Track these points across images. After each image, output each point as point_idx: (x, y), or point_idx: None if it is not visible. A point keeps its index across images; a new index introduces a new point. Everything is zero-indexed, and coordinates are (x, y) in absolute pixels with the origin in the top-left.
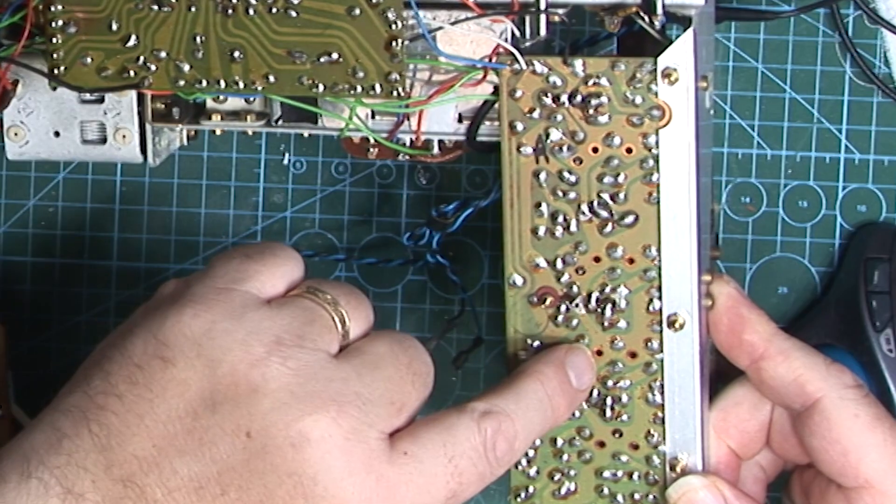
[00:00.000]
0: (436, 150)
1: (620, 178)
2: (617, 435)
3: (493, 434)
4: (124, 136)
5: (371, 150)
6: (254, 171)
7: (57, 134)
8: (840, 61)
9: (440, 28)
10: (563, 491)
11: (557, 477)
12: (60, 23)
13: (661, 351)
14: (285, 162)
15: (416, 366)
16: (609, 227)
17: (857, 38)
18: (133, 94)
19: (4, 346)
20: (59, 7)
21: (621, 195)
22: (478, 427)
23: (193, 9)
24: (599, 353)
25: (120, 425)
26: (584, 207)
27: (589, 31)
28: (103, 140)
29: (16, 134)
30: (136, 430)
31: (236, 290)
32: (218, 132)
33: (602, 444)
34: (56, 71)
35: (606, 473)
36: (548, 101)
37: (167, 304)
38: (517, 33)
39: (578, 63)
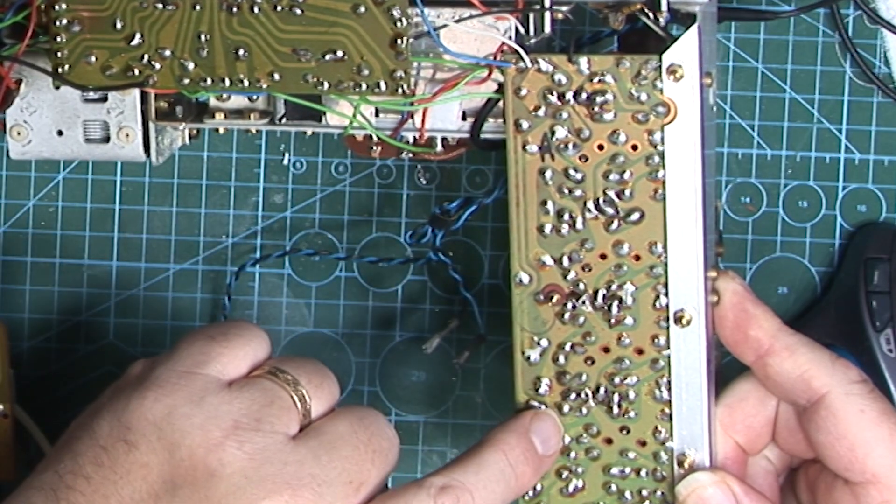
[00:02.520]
0: (439, 147)
1: (626, 175)
2: (624, 432)
3: None
4: (127, 135)
5: (374, 147)
6: (254, 171)
7: (60, 133)
8: (840, 61)
9: (445, 26)
10: (570, 488)
11: (565, 474)
12: (65, 21)
13: (668, 347)
14: (285, 162)
15: (376, 442)
16: (615, 225)
17: (857, 38)
18: (136, 92)
19: (6, 346)
20: (64, 6)
21: (627, 192)
22: (434, 503)
23: (198, 7)
24: (606, 350)
25: None
26: (590, 205)
27: (588, 30)
28: (106, 139)
29: (18, 133)
30: None
31: (198, 373)
32: (221, 131)
33: (609, 441)
34: (60, 70)
35: (614, 470)
36: (553, 98)
37: (132, 387)
38: (521, 30)
39: (583, 60)
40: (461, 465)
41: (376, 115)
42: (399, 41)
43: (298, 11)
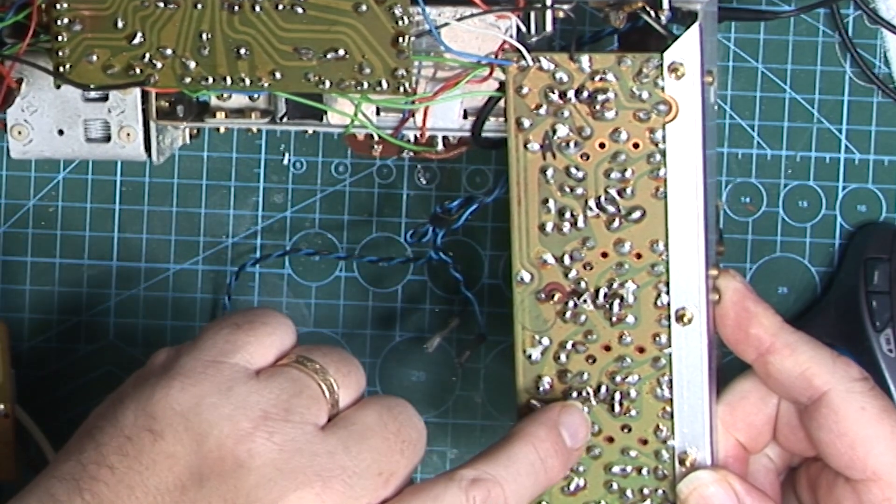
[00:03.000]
0: (440, 146)
1: (627, 174)
2: (625, 430)
3: (481, 502)
4: (128, 135)
5: (375, 146)
6: (254, 171)
7: (61, 132)
8: (840, 61)
9: (446, 24)
10: (572, 487)
11: (566, 473)
12: (66, 21)
13: (670, 345)
14: (285, 162)
15: (405, 433)
16: (616, 223)
17: (857, 38)
18: (137, 92)
19: (7, 345)
20: (65, 5)
21: (628, 190)
22: (466, 496)
23: (199, 6)
24: (607, 348)
25: (111, 495)
26: (592, 203)
27: (588, 29)
28: (107, 138)
29: (19, 133)
30: (127, 502)
31: (225, 362)
32: (222, 130)
33: (611, 440)
34: (61, 69)
35: (615, 469)
36: (554, 97)
37: (157, 376)
38: (523, 29)
39: (585, 59)
40: (491, 458)
41: (377, 113)
42: (401, 40)
43: (300, 10)
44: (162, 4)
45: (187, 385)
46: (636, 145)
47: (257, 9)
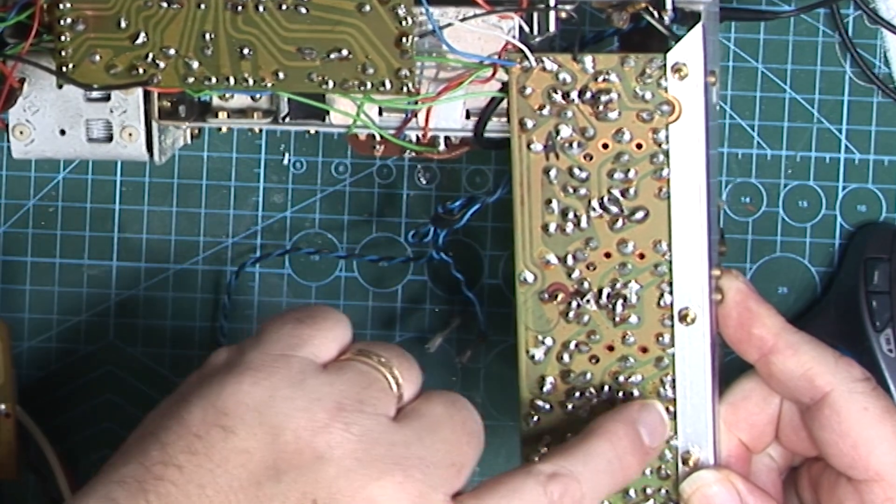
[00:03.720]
0: (442, 146)
1: (631, 174)
2: None
3: (559, 497)
4: (130, 135)
5: (377, 146)
6: (254, 171)
7: (63, 132)
8: (840, 61)
9: (449, 24)
10: None
11: None
12: (69, 20)
13: (673, 345)
14: (285, 162)
15: (469, 425)
16: (619, 223)
17: (857, 38)
18: (139, 91)
19: (8, 345)
20: (68, 5)
21: (631, 191)
22: (544, 490)
23: (203, 6)
24: (611, 348)
25: (180, 496)
26: (595, 203)
27: (589, 30)
28: (109, 138)
29: (21, 132)
30: (198, 501)
31: (293, 356)
32: (223, 130)
33: None
34: (64, 69)
35: None
36: (557, 97)
37: (223, 372)
38: (526, 29)
39: (588, 59)
40: (569, 453)
41: (380, 114)
42: (404, 40)
43: (303, 10)
44: (165, 4)
45: (259, 379)
46: (639, 146)
47: (261, 9)
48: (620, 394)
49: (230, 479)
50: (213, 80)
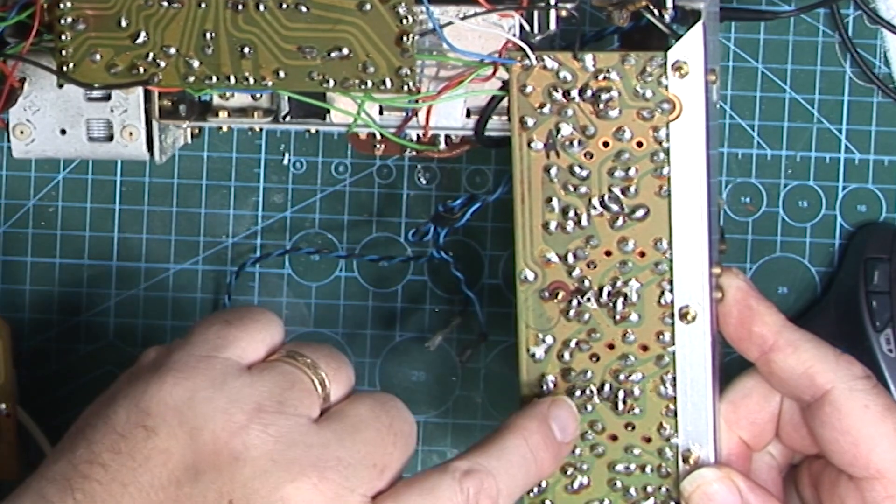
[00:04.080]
0: (442, 145)
1: (631, 172)
2: (629, 428)
3: (475, 493)
4: (131, 134)
5: (378, 145)
6: (254, 171)
7: (63, 132)
8: (840, 61)
9: (450, 23)
10: (575, 485)
11: (570, 471)
12: (69, 20)
13: (673, 343)
14: (285, 162)
15: (397, 425)
16: (620, 221)
17: (857, 38)
18: (140, 91)
19: (9, 345)
20: (68, 4)
21: (632, 189)
22: (460, 487)
23: (203, 5)
24: (611, 346)
25: (104, 494)
26: (595, 202)
27: (589, 29)
28: (109, 138)
29: (21, 132)
30: (121, 499)
31: (217, 357)
32: (224, 129)
33: (614, 438)
34: (65, 68)
35: (619, 467)
36: (558, 96)
37: (149, 372)
38: (526, 28)
39: (588, 58)
40: (483, 450)
41: (380, 112)
42: (405, 38)
43: (304, 9)
44: (166, 3)
45: (180, 379)
46: (640, 144)
47: (261, 8)
48: (621, 392)
49: (151, 479)
50: (214, 79)
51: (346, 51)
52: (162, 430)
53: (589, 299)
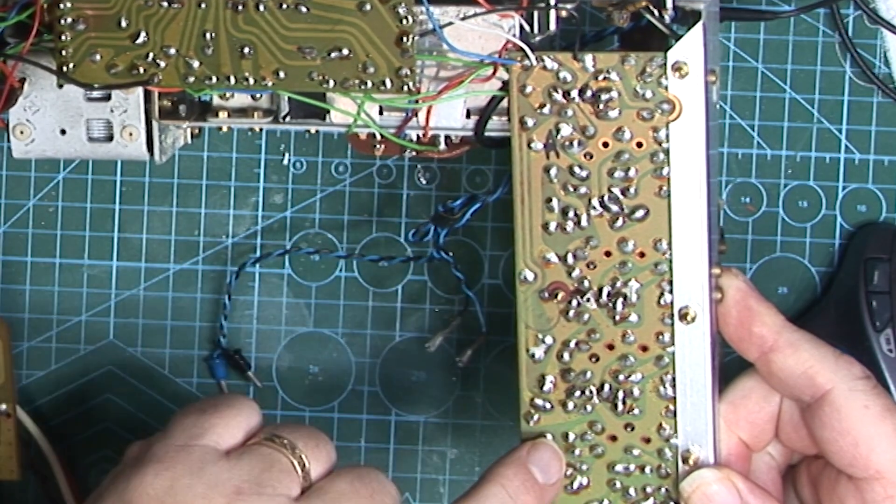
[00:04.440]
0: (442, 145)
1: (631, 173)
2: (629, 429)
3: None
4: (131, 134)
5: (377, 146)
6: (254, 171)
7: (63, 132)
8: (840, 61)
9: (450, 23)
10: (575, 485)
11: (569, 472)
12: (69, 20)
13: (673, 344)
14: (285, 162)
15: (378, 498)
16: (620, 222)
17: (857, 38)
18: (140, 91)
19: (8, 345)
20: (68, 4)
21: (632, 189)
22: None
23: (203, 5)
24: (611, 347)
25: None
26: (595, 202)
27: (589, 29)
28: (109, 138)
29: (21, 132)
30: None
31: (195, 445)
32: (224, 129)
33: (614, 438)
34: (65, 68)
35: (618, 467)
36: (558, 96)
37: (131, 467)
38: (526, 28)
39: (588, 58)
40: (463, 502)
41: (380, 113)
42: (405, 39)
43: (304, 9)
44: (166, 4)
45: (160, 470)
46: (640, 144)
47: (261, 8)
48: (620, 392)
49: None
50: (214, 79)
51: (346, 51)
52: None
53: (588, 300)
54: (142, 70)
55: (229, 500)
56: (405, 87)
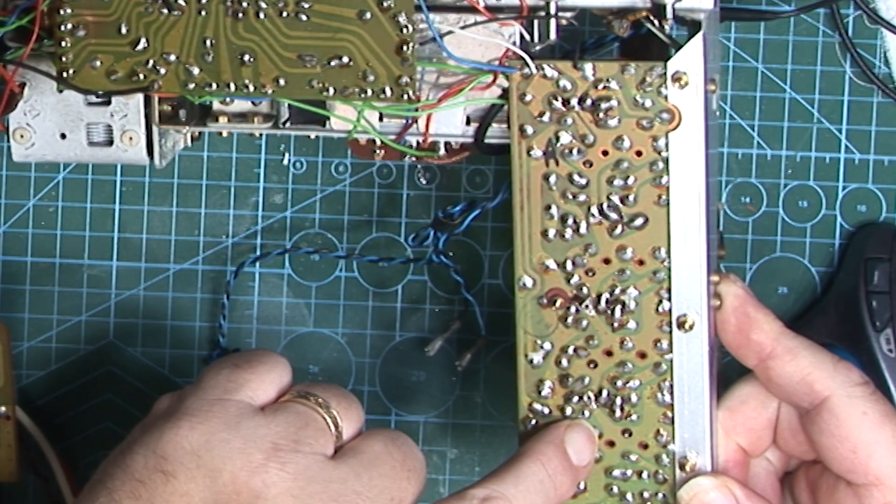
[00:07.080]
0: (442, 151)
1: (630, 181)
2: (626, 434)
3: None
4: (131, 138)
5: (377, 151)
6: (254, 171)
7: (63, 136)
8: (840, 61)
9: (450, 32)
10: None
11: None
12: (69, 26)
13: (671, 351)
14: (285, 162)
15: (410, 461)
16: (619, 230)
17: (857, 38)
18: (140, 96)
19: (8, 348)
20: (68, 10)
21: (631, 197)
22: None
23: (204, 12)
24: (609, 353)
25: None
26: (594, 210)
27: (589, 33)
28: (109, 142)
29: (22, 136)
30: None
31: (230, 399)
32: (224, 134)
33: (611, 444)
34: (65, 74)
35: (616, 472)
36: (558, 104)
37: (163, 419)
38: (526, 37)
39: (588, 67)
40: (500, 477)
41: (380, 119)
42: (405, 47)
43: (304, 17)
44: (166, 11)
45: (196, 423)
46: (639, 153)
47: (261, 16)
48: (618, 398)
49: None
50: (214, 86)
51: (346, 59)
52: (180, 473)
53: (587, 306)
54: (142, 76)
55: (267, 455)
56: (405, 96)
